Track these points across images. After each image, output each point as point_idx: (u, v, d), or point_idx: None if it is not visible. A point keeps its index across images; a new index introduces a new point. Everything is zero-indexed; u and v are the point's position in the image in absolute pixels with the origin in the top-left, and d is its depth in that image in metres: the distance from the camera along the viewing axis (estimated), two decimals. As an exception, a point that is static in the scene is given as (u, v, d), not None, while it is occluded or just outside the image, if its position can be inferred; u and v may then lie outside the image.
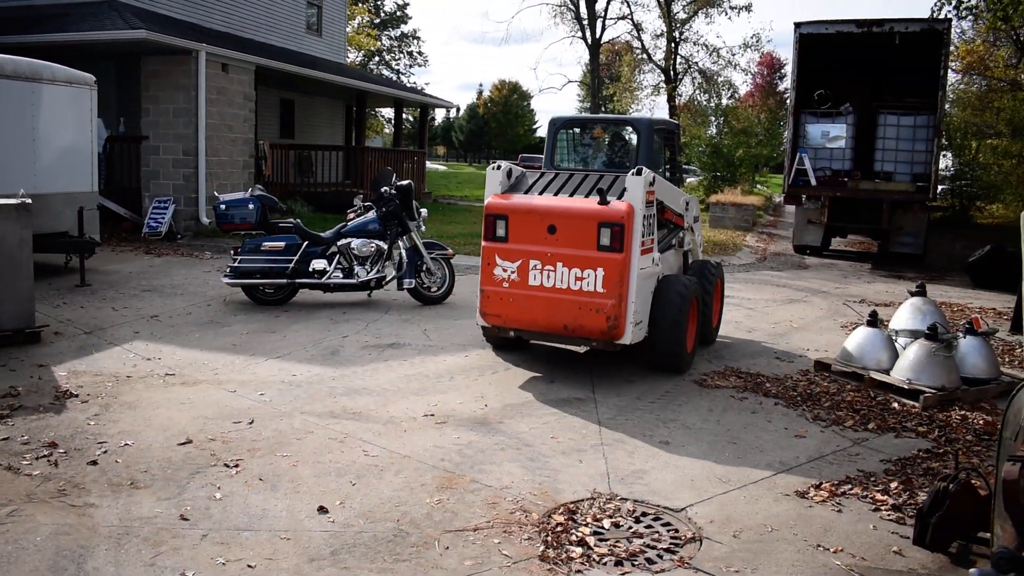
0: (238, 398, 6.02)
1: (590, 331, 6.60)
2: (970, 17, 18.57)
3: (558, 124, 8.27)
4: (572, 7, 49.42)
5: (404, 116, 30.78)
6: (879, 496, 4.65)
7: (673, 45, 47.12)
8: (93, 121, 11.26)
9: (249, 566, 3.64)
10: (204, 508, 4.18)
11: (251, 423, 5.47)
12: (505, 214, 6.80)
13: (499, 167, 7.10)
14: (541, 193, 6.98)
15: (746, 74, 56.76)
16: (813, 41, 16.43)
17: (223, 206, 9.35)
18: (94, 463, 4.69)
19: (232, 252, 9.39)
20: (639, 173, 6.68)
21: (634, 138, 8.29)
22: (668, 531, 4.16)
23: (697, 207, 9.00)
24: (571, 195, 6.87)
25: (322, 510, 4.21)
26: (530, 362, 7.41)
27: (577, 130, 8.52)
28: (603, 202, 6.54)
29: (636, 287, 6.58)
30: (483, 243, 6.91)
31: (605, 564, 3.80)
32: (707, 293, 7.94)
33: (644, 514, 4.34)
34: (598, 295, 6.48)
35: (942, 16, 15.45)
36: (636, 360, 7.37)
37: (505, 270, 6.76)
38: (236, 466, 4.73)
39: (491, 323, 7.05)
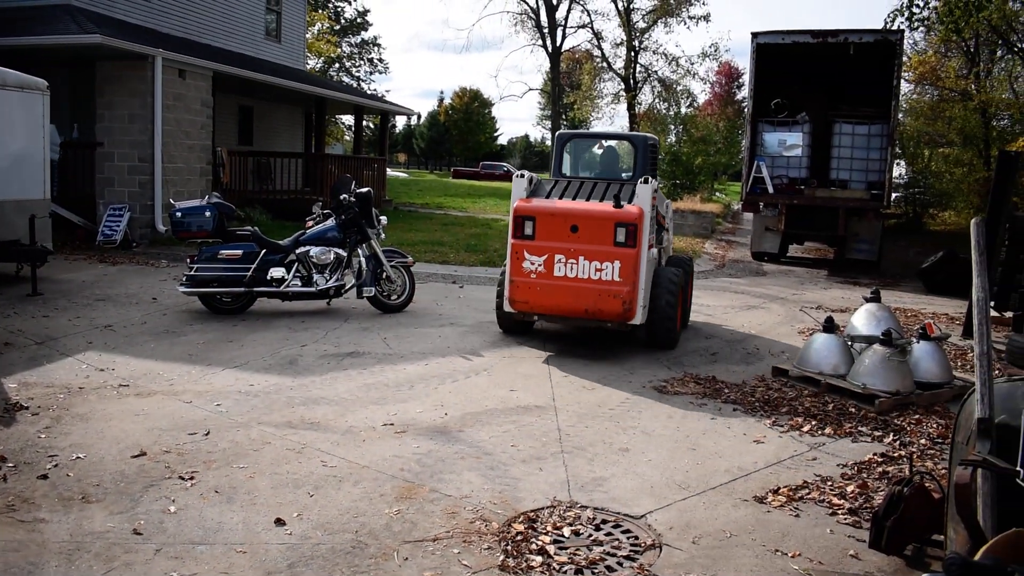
0: (194, 409, 5.93)
1: (608, 314, 7.77)
2: (922, 29, 18.92)
3: (565, 138, 9.27)
4: (533, 15, 49.71)
5: (365, 123, 30.63)
6: (836, 500, 4.71)
7: (633, 54, 47.56)
8: (45, 127, 11.05)
9: (204, 581, 3.58)
10: (158, 522, 4.10)
11: (207, 434, 5.39)
12: (533, 215, 7.90)
13: (523, 175, 8.30)
14: (560, 198, 8.16)
15: (705, 83, 57.50)
16: (770, 51, 16.68)
17: (179, 213, 9.20)
18: (44, 477, 4.58)
19: (188, 260, 9.25)
20: (647, 182, 7.95)
21: (628, 151, 9.46)
22: (628, 538, 4.16)
23: (671, 209, 9.92)
24: (585, 200, 8.08)
25: (279, 522, 4.15)
26: (491, 370, 7.39)
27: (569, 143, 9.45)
28: (618, 205, 7.75)
29: (644, 277, 7.74)
30: (512, 240, 7.94)
31: (565, 572, 3.79)
32: (686, 283, 9.17)
33: (604, 522, 4.34)
34: (615, 284, 7.67)
35: (895, 27, 15.74)
36: (603, 359, 7.39)
37: (533, 263, 7.84)
38: (191, 478, 4.65)
39: (518, 309, 8.10)
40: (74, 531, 3.97)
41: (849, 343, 7.48)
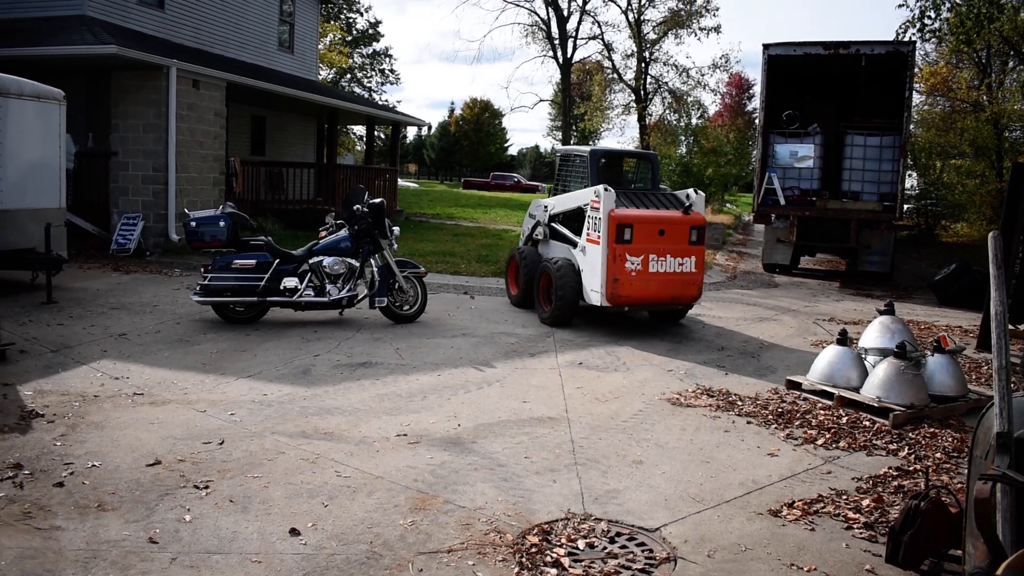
0: (208, 418, 5.94)
1: (687, 298, 9.90)
2: (934, 40, 18.90)
3: (599, 154, 11.02)
4: (544, 27, 49.83)
5: (376, 133, 30.73)
6: (851, 514, 4.68)
7: (643, 65, 47.62)
8: (62, 136, 11.12)
9: (220, 590, 3.59)
10: (173, 531, 4.11)
11: (221, 443, 5.40)
12: (631, 223, 9.36)
13: (609, 189, 9.44)
14: (632, 207, 9.60)
15: (715, 94, 57.48)
16: (781, 62, 16.69)
17: (193, 223, 9.25)
18: (60, 485, 4.60)
19: (202, 270, 9.29)
20: (697, 192, 9.97)
21: (645, 166, 11.59)
22: (643, 551, 4.15)
23: None
24: (645, 207, 9.71)
25: (294, 532, 4.16)
26: (503, 381, 7.39)
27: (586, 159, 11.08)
28: (687, 212, 9.70)
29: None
30: (613, 244, 9.27)
31: (580, 585, 3.78)
32: None
33: (618, 534, 4.34)
34: (693, 274, 9.71)
35: (907, 39, 15.78)
36: (615, 372, 7.38)
37: (632, 263, 9.33)
38: (206, 488, 4.66)
39: (618, 303, 9.48)
40: (90, 539, 3.99)
41: (863, 356, 7.45)
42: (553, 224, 10.96)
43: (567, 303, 9.82)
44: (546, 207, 11.16)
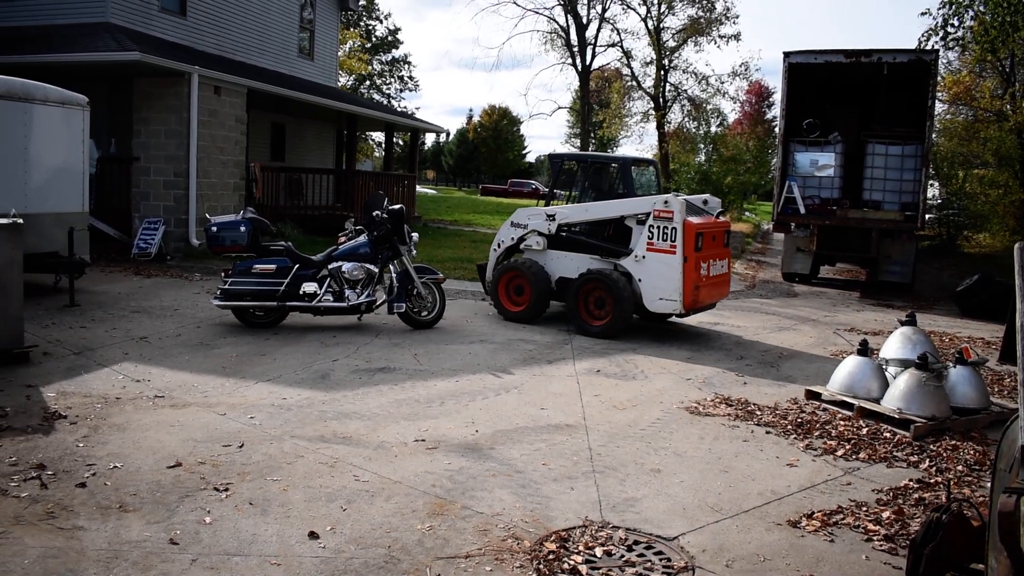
0: (228, 421, 5.98)
1: (725, 296, 11.01)
2: (957, 48, 18.80)
3: (630, 162, 11.48)
4: (563, 34, 49.84)
5: (394, 140, 30.86)
6: (871, 526, 4.65)
7: (662, 73, 47.52)
8: (85, 142, 11.25)
9: (239, 593, 3.60)
10: (194, 532, 4.14)
11: (241, 447, 5.44)
12: (702, 231, 9.74)
13: (680, 199, 9.74)
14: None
15: (735, 102, 57.12)
16: (802, 71, 16.62)
17: (214, 228, 9.32)
18: (83, 485, 4.64)
19: (223, 274, 9.36)
20: (712, 198, 10.91)
21: (652, 173, 12.41)
22: (660, 560, 4.14)
23: None
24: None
25: (313, 535, 4.18)
26: (521, 388, 7.40)
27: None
28: (717, 218, 10.49)
29: None
30: (692, 252, 9.55)
31: (598, 593, 3.77)
32: None
33: (636, 542, 4.32)
34: (727, 273, 10.67)
35: (930, 47, 15.66)
36: (633, 380, 7.37)
37: (703, 269, 9.77)
38: (226, 490, 4.69)
39: (691, 307, 9.83)
40: (112, 539, 4.02)
41: (884, 367, 7.40)
42: (565, 234, 10.60)
43: (627, 313, 9.84)
44: (551, 216, 10.61)
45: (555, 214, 10.62)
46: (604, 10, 48.84)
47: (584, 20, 49.04)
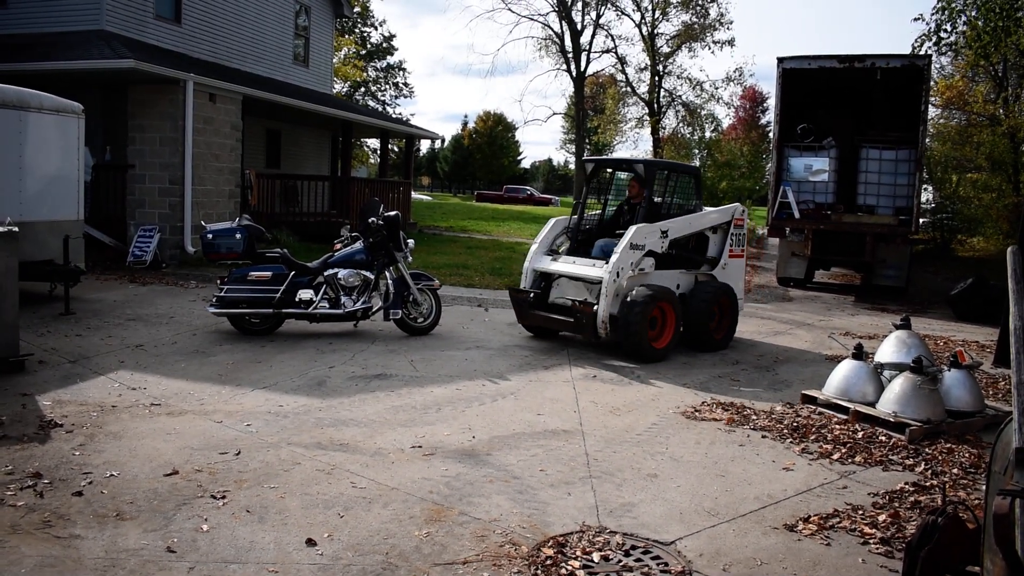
0: (224, 429, 5.98)
1: None
2: (950, 53, 18.87)
3: (657, 166, 11.11)
4: (557, 41, 49.98)
5: (390, 147, 30.87)
6: (867, 529, 4.66)
7: (657, 78, 47.66)
8: (80, 149, 11.24)
9: (237, 600, 3.60)
10: (191, 540, 4.14)
11: (238, 454, 5.43)
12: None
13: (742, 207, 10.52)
14: None
15: (729, 107, 57.28)
16: (796, 76, 16.68)
17: (210, 235, 9.32)
18: (79, 494, 4.64)
19: (218, 281, 9.36)
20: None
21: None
22: (658, 564, 4.14)
23: None
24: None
25: (310, 542, 4.18)
26: (518, 394, 7.40)
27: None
28: None
29: None
30: (745, 259, 10.83)
31: (596, 598, 3.78)
32: None
33: (633, 547, 4.33)
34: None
35: (923, 52, 15.72)
36: (629, 385, 7.38)
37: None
38: (223, 498, 4.69)
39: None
40: (109, 548, 4.02)
41: (879, 370, 7.42)
42: (674, 251, 9.87)
43: (735, 322, 10.42)
44: (664, 232, 9.50)
45: (668, 230, 9.58)
46: (598, 16, 49.03)
47: (579, 26, 49.22)
